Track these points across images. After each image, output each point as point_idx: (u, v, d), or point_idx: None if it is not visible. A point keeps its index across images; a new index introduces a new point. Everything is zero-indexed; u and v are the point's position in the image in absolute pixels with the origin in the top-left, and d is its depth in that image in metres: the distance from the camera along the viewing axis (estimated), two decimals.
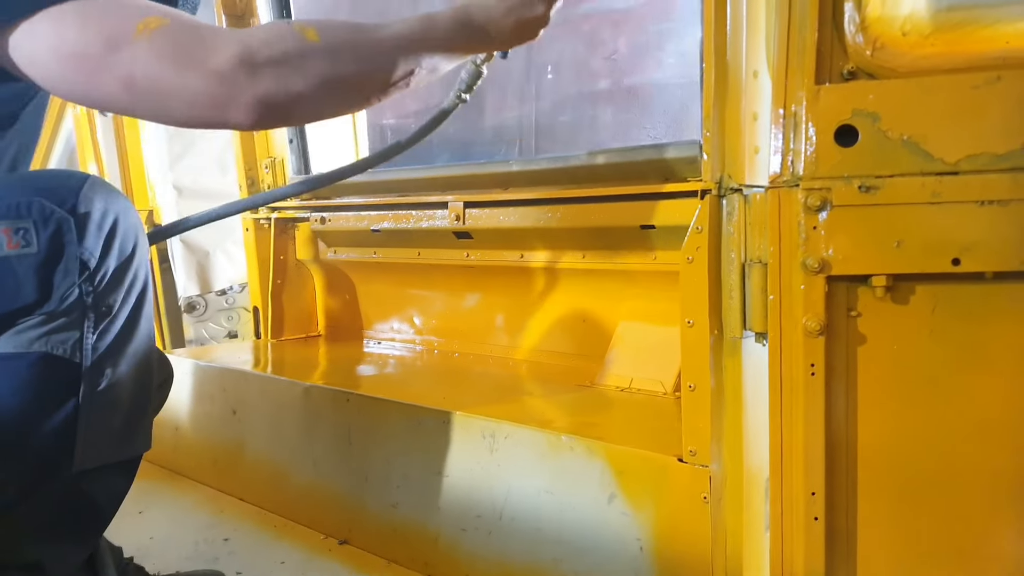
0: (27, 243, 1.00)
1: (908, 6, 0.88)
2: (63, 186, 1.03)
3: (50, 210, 1.01)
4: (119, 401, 1.13)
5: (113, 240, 1.06)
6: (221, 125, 1.00)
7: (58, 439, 1.07)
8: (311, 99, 1.01)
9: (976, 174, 0.85)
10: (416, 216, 1.89)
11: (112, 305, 1.08)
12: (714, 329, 1.04)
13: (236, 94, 0.96)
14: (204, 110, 0.97)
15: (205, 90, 0.95)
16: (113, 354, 1.10)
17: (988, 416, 0.91)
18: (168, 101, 0.96)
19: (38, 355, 1.02)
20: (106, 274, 1.06)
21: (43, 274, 1.02)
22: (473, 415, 1.34)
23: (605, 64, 3.58)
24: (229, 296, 3.20)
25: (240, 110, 0.97)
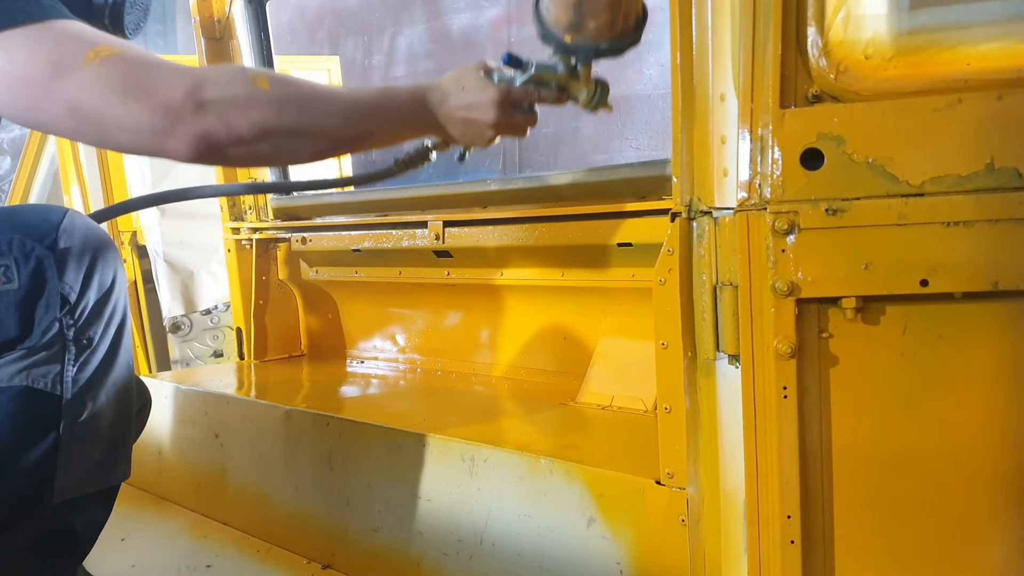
0: (8, 280, 1.02)
1: (870, 30, 0.88)
2: (43, 221, 1.05)
3: (30, 246, 1.03)
4: (99, 432, 1.13)
5: (93, 274, 1.08)
6: (158, 154, 1.01)
7: (39, 471, 1.07)
8: (249, 143, 1.03)
9: (941, 196, 0.85)
10: (396, 236, 1.89)
11: (92, 338, 1.10)
12: (688, 351, 1.04)
13: (177, 127, 0.98)
14: (144, 139, 0.99)
15: (149, 121, 0.97)
16: (93, 386, 1.11)
17: (962, 435, 0.91)
18: (110, 128, 0.98)
19: (19, 389, 1.03)
20: (86, 307, 1.08)
21: (24, 309, 1.03)
22: (452, 438, 1.34)
23: None
24: (214, 315, 3.18)
25: (180, 142, 0.99)
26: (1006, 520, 0.90)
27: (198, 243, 3.15)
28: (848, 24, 0.89)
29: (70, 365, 1.08)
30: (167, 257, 3.16)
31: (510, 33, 3.62)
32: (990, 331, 0.88)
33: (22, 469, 1.05)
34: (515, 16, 3.59)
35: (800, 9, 0.90)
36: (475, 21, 3.73)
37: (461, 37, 3.81)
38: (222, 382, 2.02)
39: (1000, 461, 0.89)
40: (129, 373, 1.19)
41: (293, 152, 1.10)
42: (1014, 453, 0.89)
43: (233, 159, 1.06)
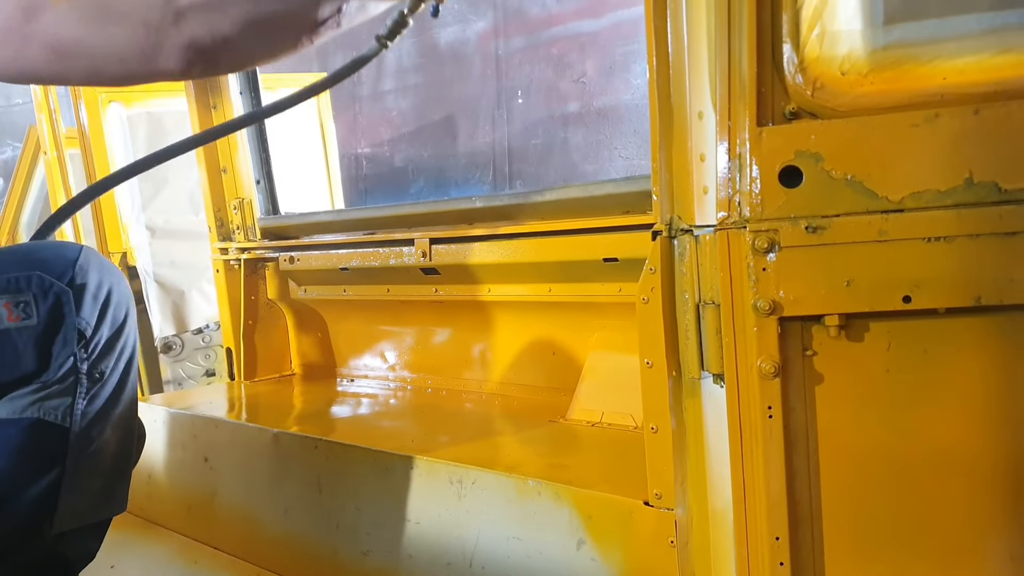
0: (27, 315, 1.03)
1: (846, 46, 0.87)
2: (60, 258, 1.07)
3: (49, 283, 1.04)
4: (102, 464, 1.14)
5: (107, 310, 1.10)
6: (153, 76, 0.99)
7: (42, 503, 1.08)
8: (238, 41, 0.99)
9: (921, 211, 0.84)
10: (383, 254, 1.88)
11: (104, 371, 1.11)
12: (672, 370, 1.03)
13: (163, 42, 0.95)
14: (135, 63, 0.96)
15: (133, 42, 0.94)
16: (101, 419, 1.12)
17: (950, 452, 0.90)
18: (98, 60, 0.96)
19: (30, 421, 1.04)
20: (99, 342, 1.09)
21: (42, 345, 1.04)
22: (440, 460, 1.32)
23: (574, 87, 3.61)
24: (206, 335, 3.17)
25: (170, 57, 0.96)
26: (997, 536, 0.89)
27: (188, 263, 3.14)
28: (824, 40, 0.88)
29: (80, 398, 1.09)
30: (157, 277, 3.15)
31: (497, 46, 3.62)
32: (975, 346, 0.87)
33: (26, 500, 1.06)
34: (502, 29, 3.60)
35: (775, 26, 0.89)
36: (462, 34, 3.73)
37: (449, 50, 3.82)
38: (211, 404, 2.00)
39: (989, 476, 0.88)
40: (133, 407, 1.20)
41: (282, 40, 1.06)
42: (1003, 468, 0.88)
43: (227, 63, 1.03)
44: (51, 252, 1.08)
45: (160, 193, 3.17)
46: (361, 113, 4.26)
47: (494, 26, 3.57)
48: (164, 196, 3.17)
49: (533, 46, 3.50)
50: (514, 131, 3.61)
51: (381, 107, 4.15)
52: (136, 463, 1.35)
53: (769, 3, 0.89)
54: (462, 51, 3.74)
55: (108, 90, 3.03)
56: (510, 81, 3.63)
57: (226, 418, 1.85)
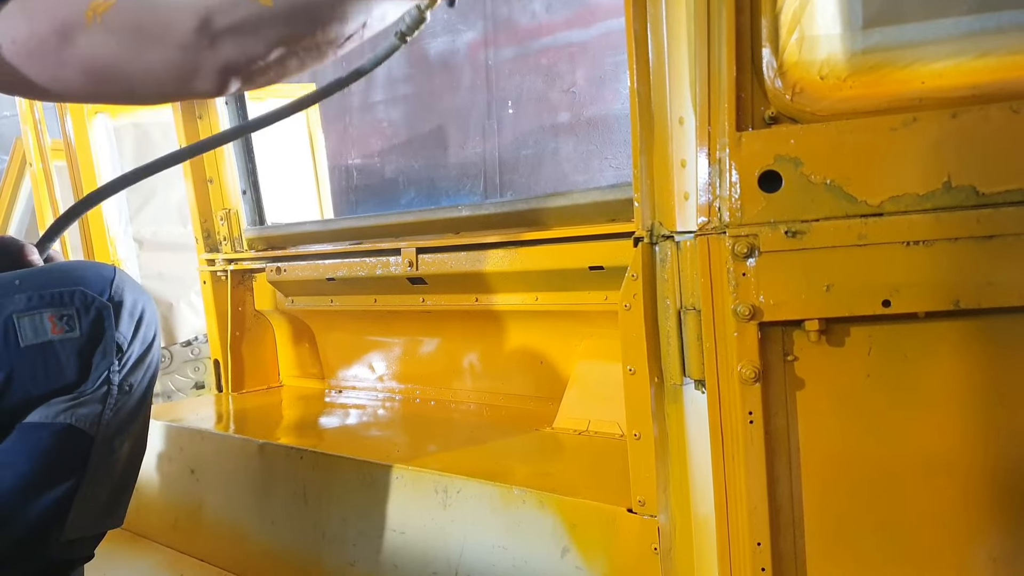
0: (71, 328, 1.08)
1: (825, 50, 0.88)
2: (99, 276, 1.12)
3: (91, 298, 1.10)
4: (112, 476, 1.18)
5: (140, 327, 1.15)
6: (188, 95, 1.02)
7: (56, 509, 1.11)
8: (271, 62, 1.02)
9: (900, 215, 0.84)
10: (370, 263, 1.87)
11: (132, 385, 1.16)
12: (654, 376, 1.02)
13: (200, 64, 0.97)
14: (171, 85, 0.99)
15: (169, 64, 0.96)
16: (122, 430, 1.17)
17: (932, 456, 0.89)
18: (135, 82, 0.98)
19: (62, 426, 1.09)
20: (132, 357, 1.15)
21: (84, 356, 1.10)
22: (425, 470, 1.32)
23: (564, 97, 3.62)
24: (194, 347, 3.15)
25: (206, 80, 0.98)
26: (978, 539, 0.88)
27: (176, 275, 3.12)
28: (802, 45, 0.88)
29: (109, 409, 1.13)
30: (146, 289, 3.13)
31: (487, 56, 3.63)
32: (954, 350, 0.87)
33: (43, 505, 1.10)
34: (492, 40, 3.61)
35: (754, 31, 0.89)
36: (452, 45, 3.74)
37: (439, 61, 3.83)
38: (197, 416, 1.99)
39: (970, 480, 0.88)
40: (148, 422, 1.25)
41: (311, 57, 1.08)
42: (984, 471, 0.88)
43: (260, 81, 1.05)
44: (90, 271, 1.13)
45: (148, 205, 3.16)
46: (351, 124, 4.26)
47: (484, 36, 3.59)
48: (152, 208, 3.16)
49: (523, 56, 3.52)
50: (504, 141, 3.62)
51: (371, 118, 4.15)
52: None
53: (748, 8, 0.89)
54: (452, 61, 3.75)
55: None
56: (500, 91, 3.64)
57: (212, 430, 1.84)
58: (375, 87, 4.13)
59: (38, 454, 1.08)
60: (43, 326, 1.07)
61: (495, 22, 3.54)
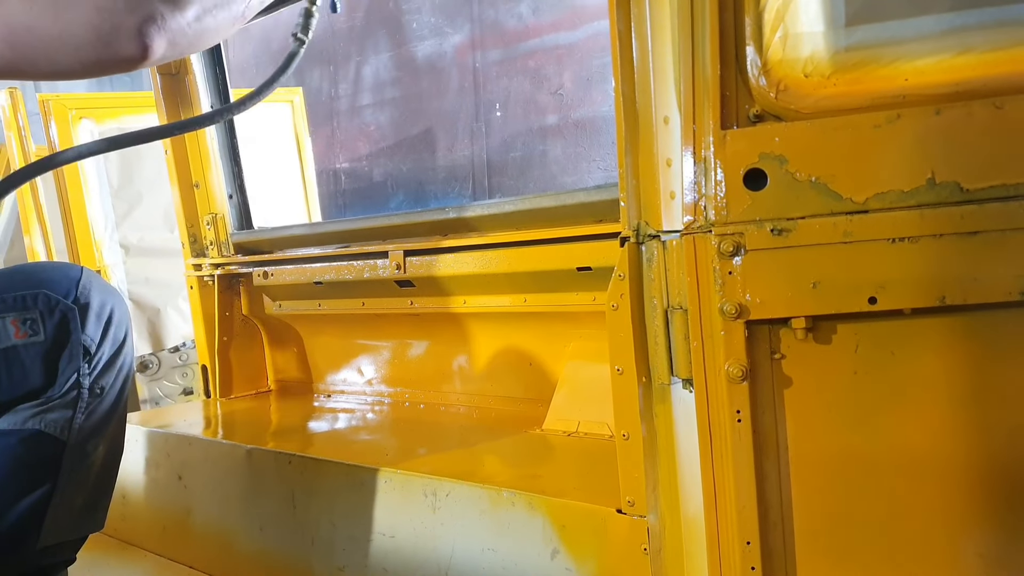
0: (34, 332, 1.07)
1: (808, 48, 0.88)
2: (64, 277, 1.11)
3: (55, 300, 1.08)
4: (89, 480, 1.17)
5: (109, 328, 1.14)
6: (114, 64, 0.96)
7: (31, 516, 1.10)
8: (192, 24, 0.99)
9: (885, 212, 0.84)
10: (358, 267, 1.87)
11: (104, 387, 1.15)
12: (642, 376, 1.02)
13: (120, 26, 0.93)
14: (92, 51, 0.94)
15: (89, 28, 0.92)
16: (95, 434, 1.15)
17: (918, 452, 0.89)
18: (52, 49, 0.94)
19: (31, 432, 1.07)
20: (102, 359, 1.13)
21: (49, 361, 1.08)
22: (413, 473, 1.31)
23: (552, 99, 3.63)
24: (182, 352, 3.13)
25: (130, 42, 0.94)
26: (965, 536, 0.88)
27: (164, 280, 3.10)
28: (786, 43, 0.88)
29: (80, 412, 1.12)
30: (132, 295, 3.11)
31: (475, 59, 3.63)
32: (941, 346, 0.87)
33: (17, 513, 1.08)
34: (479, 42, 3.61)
35: (738, 29, 0.89)
36: (439, 48, 3.74)
37: (426, 63, 3.82)
38: (185, 422, 1.97)
39: (958, 476, 0.88)
40: (124, 424, 1.23)
41: (230, 21, 1.07)
42: (973, 468, 0.88)
43: (185, 44, 1.02)
44: (55, 272, 1.12)
45: (134, 210, 3.14)
46: (339, 128, 4.25)
47: (471, 39, 3.58)
48: (138, 213, 3.14)
49: (510, 59, 3.52)
50: (493, 144, 3.62)
51: (359, 121, 4.15)
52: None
53: (732, 6, 0.89)
54: (440, 64, 3.75)
55: (79, 106, 3.01)
56: (488, 94, 3.64)
57: (199, 435, 1.83)
58: (363, 91, 4.12)
59: (8, 460, 1.07)
60: (5, 331, 1.05)
61: (482, 25, 3.54)
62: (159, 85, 2.15)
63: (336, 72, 4.17)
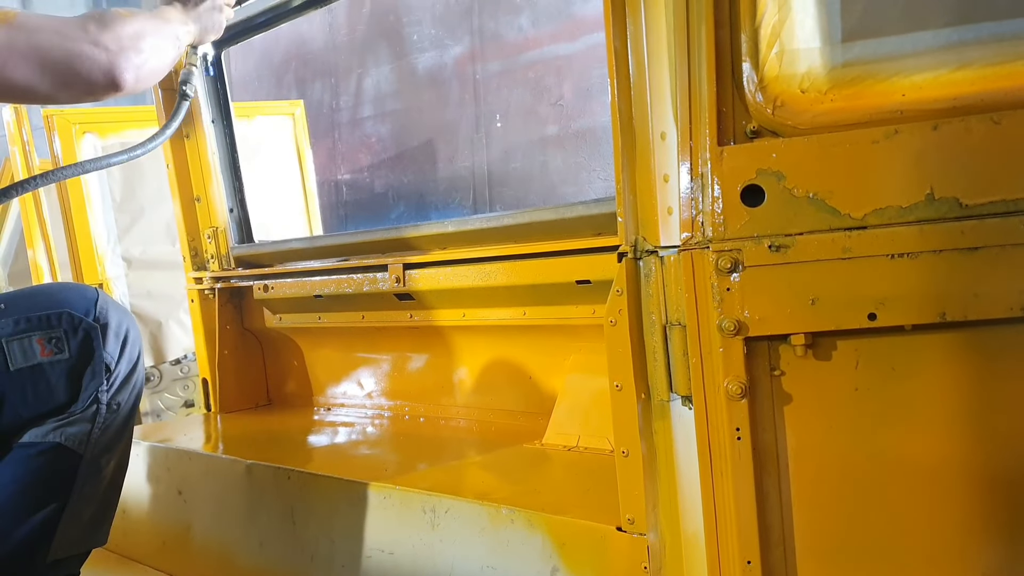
0: (59, 350, 1.12)
1: (805, 63, 0.87)
2: (83, 298, 1.16)
3: (78, 320, 1.13)
4: (97, 494, 1.21)
5: (126, 347, 1.19)
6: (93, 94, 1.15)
7: (44, 527, 1.14)
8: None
9: (884, 228, 0.84)
10: (357, 280, 1.86)
11: (120, 404, 1.20)
12: (641, 393, 1.02)
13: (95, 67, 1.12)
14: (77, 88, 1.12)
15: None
16: (109, 448, 1.20)
17: (921, 469, 0.88)
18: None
19: (51, 445, 1.12)
20: (119, 376, 1.18)
21: (73, 377, 1.13)
22: (413, 490, 1.30)
23: (552, 110, 3.63)
24: (184, 365, 3.13)
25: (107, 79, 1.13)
26: (970, 553, 0.87)
27: (165, 293, 3.10)
28: (783, 58, 0.88)
29: (97, 428, 1.16)
30: (134, 308, 3.11)
31: (475, 71, 3.64)
32: (942, 362, 0.86)
33: (32, 522, 1.12)
34: (479, 54, 3.62)
35: (735, 45, 0.89)
36: (440, 59, 3.75)
37: (427, 75, 3.83)
38: (185, 436, 1.97)
39: (961, 493, 0.87)
40: (131, 440, 1.28)
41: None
42: (976, 484, 0.87)
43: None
44: (74, 292, 1.18)
45: (136, 224, 3.14)
46: (340, 140, 4.26)
47: (471, 51, 3.59)
48: (140, 227, 3.14)
49: (510, 70, 3.52)
50: (493, 155, 3.62)
51: (360, 133, 4.15)
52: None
53: (728, 22, 0.89)
54: (440, 76, 3.75)
55: (83, 121, 3.01)
56: (488, 105, 3.64)
57: (199, 450, 1.82)
58: (364, 103, 4.13)
59: (28, 473, 1.10)
60: (32, 349, 1.09)
61: (482, 36, 3.55)
62: (160, 100, 2.15)
63: (337, 84, 4.18)
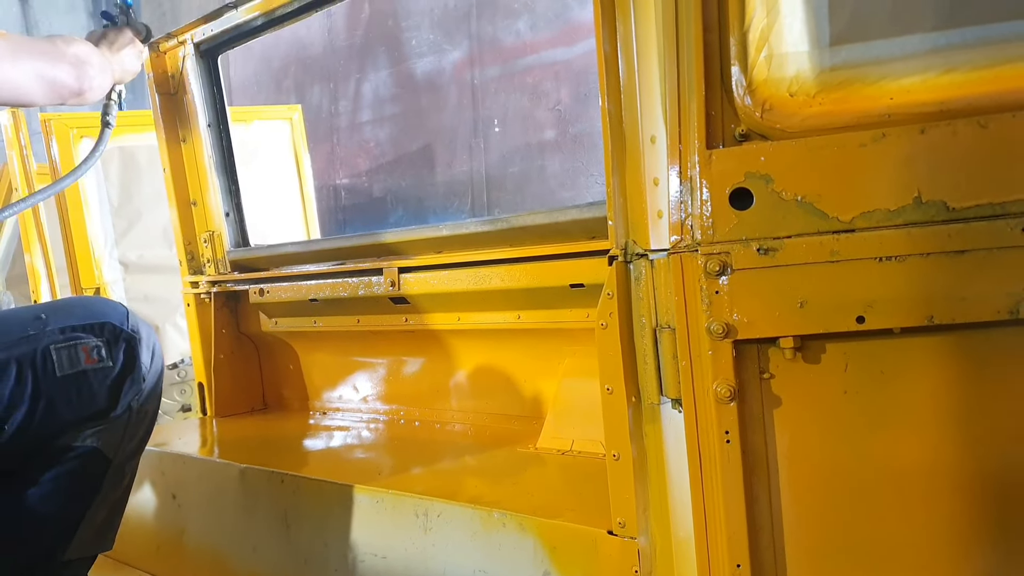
0: (102, 358, 1.16)
1: (793, 67, 0.88)
2: (115, 311, 1.22)
3: (119, 330, 1.19)
4: (112, 499, 1.25)
5: (155, 357, 1.25)
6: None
7: (66, 527, 1.18)
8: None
9: (872, 231, 0.84)
10: (352, 284, 1.86)
11: (147, 411, 1.25)
12: (632, 396, 1.02)
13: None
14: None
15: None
16: (133, 455, 1.26)
17: (910, 472, 0.88)
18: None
19: (89, 448, 1.16)
20: (148, 385, 1.23)
21: (115, 385, 1.18)
22: (405, 493, 1.30)
23: (550, 115, 3.64)
24: (181, 369, 3.12)
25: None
26: (960, 556, 0.87)
27: (162, 297, 3.10)
28: (771, 62, 0.88)
29: (128, 434, 1.21)
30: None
31: (473, 75, 3.65)
32: (930, 365, 0.87)
33: (59, 521, 1.16)
34: (477, 59, 3.63)
35: (723, 49, 0.89)
36: (438, 64, 3.76)
37: (425, 80, 3.84)
38: (180, 440, 1.97)
39: (952, 496, 0.87)
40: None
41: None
42: (966, 487, 0.87)
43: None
44: (106, 305, 1.24)
45: (133, 228, 3.15)
46: (339, 144, 4.27)
47: (469, 55, 3.60)
48: (137, 231, 3.15)
49: (508, 75, 3.53)
50: (491, 159, 3.63)
51: (359, 138, 4.16)
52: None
53: (716, 26, 0.89)
54: (438, 81, 3.76)
55: (80, 125, 3.02)
56: (487, 110, 3.65)
57: (193, 454, 1.82)
58: (362, 107, 4.14)
59: (64, 474, 1.15)
60: (77, 356, 1.14)
61: (480, 42, 3.56)
62: (158, 104, 2.16)
63: (336, 89, 4.19)
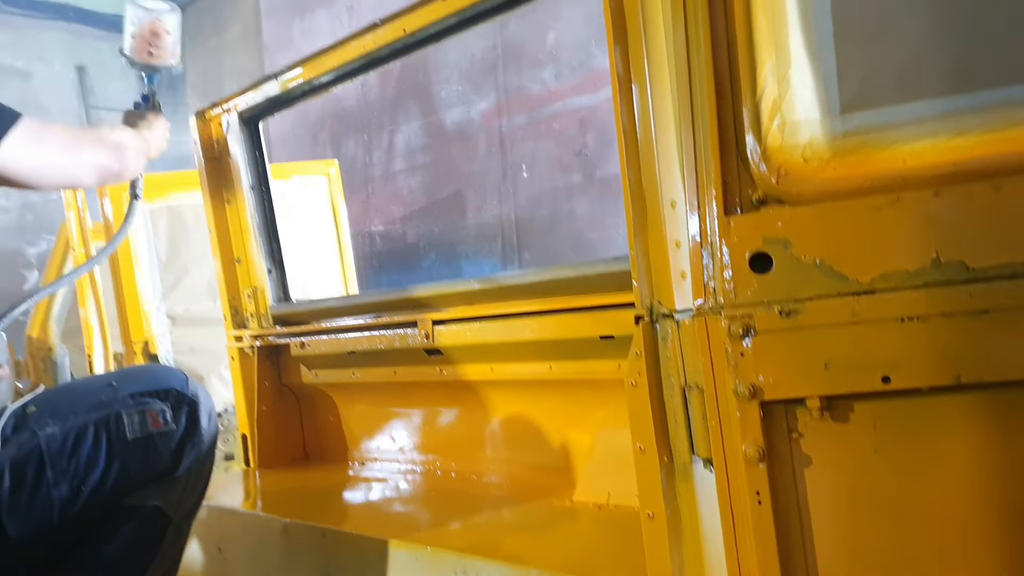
0: (167, 423, 1.23)
1: (806, 134, 0.90)
2: (176, 377, 1.31)
3: (183, 395, 1.27)
4: (173, 555, 1.30)
5: (211, 420, 1.32)
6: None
7: None
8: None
9: (892, 292, 0.85)
10: (388, 336, 1.91)
11: (204, 472, 1.32)
12: (664, 455, 1.03)
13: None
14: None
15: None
16: (190, 514, 1.32)
17: (944, 531, 0.88)
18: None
19: (153, 508, 1.22)
20: (206, 447, 1.30)
21: (178, 447, 1.24)
22: (445, 551, 1.32)
23: (576, 159, 3.69)
24: (224, 419, 3.19)
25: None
26: None
27: (208, 348, 3.19)
28: (784, 130, 0.91)
29: (187, 494, 1.28)
30: (177, 364, 3.20)
31: (501, 124, 3.72)
32: (961, 424, 0.86)
33: None
34: (504, 108, 3.70)
35: (737, 118, 0.92)
36: (467, 114, 3.85)
37: (455, 130, 3.93)
38: (225, 493, 2.01)
39: (988, 555, 0.86)
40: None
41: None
42: (999, 546, 0.86)
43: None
44: (169, 373, 1.32)
45: (180, 282, 3.25)
46: (374, 193, 4.37)
47: (497, 105, 3.68)
48: (184, 285, 3.25)
49: (535, 122, 3.60)
50: (520, 204, 3.69)
51: (392, 186, 4.26)
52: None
53: (730, 96, 0.92)
54: (467, 130, 3.85)
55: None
56: (514, 156, 3.72)
57: (238, 508, 1.86)
58: (395, 157, 4.24)
59: (131, 531, 1.20)
60: (146, 421, 1.21)
61: (507, 91, 3.64)
62: (203, 168, 2.25)
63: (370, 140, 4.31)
